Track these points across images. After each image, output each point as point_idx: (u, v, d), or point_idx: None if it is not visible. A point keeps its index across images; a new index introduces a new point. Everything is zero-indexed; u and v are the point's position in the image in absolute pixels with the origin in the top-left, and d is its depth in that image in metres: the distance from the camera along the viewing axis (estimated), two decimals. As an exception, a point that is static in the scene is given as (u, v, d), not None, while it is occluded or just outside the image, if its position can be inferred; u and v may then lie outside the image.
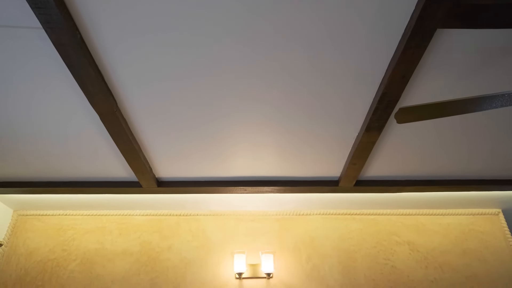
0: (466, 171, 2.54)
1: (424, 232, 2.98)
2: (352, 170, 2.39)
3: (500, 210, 3.06)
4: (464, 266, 2.82)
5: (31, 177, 2.59)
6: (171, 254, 2.87)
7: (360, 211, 3.06)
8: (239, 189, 2.62)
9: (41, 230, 2.98)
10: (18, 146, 2.23)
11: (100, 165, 2.43)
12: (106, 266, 2.81)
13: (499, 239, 2.94)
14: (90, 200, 2.87)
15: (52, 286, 2.73)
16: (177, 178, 2.60)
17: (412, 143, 2.23)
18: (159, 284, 2.73)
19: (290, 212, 3.05)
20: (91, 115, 1.93)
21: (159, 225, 3.01)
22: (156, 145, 2.23)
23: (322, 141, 2.20)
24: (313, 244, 2.91)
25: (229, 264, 2.81)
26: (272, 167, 2.47)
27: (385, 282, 2.74)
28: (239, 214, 3.05)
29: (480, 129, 2.11)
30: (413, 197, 2.83)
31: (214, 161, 2.39)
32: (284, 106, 1.91)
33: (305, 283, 2.74)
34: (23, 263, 2.83)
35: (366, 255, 2.86)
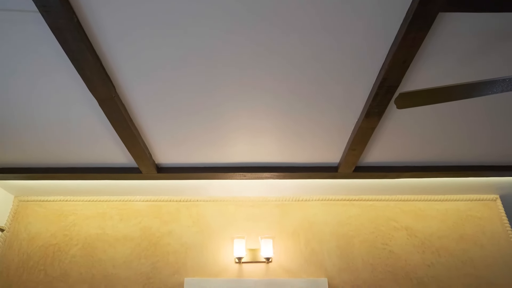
0: (465, 157, 2.55)
1: (422, 217, 3.01)
2: (351, 156, 2.40)
3: (498, 196, 3.09)
4: (460, 251, 2.85)
5: (31, 163, 2.60)
6: (172, 239, 2.90)
7: (358, 197, 3.08)
8: (238, 175, 2.63)
9: (42, 216, 3.01)
10: (17, 132, 2.23)
11: (100, 151, 2.44)
12: (107, 251, 2.85)
13: (496, 224, 2.98)
14: (90, 186, 2.89)
15: (54, 270, 2.77)
16: (177, 164, 2.61)
17: (411, 129, 2.23)
18: (160, 268, 2.77)
19: (290, 198, 3.07)
20: (90, 101, 1.93)
21: (159, 210, 3.03)
22: (156, 131, 2.22)
23: (322, 127, 2.20)
24: (312, 229, 2.95)
25: (229, 249, 2.84)
26: (271, 153, 2.48)
27: (382, 266, 2.79)
28: (238, 200, 3.08)
29: (479, 115, 2.11)
30: (411, 183, 2.85)
31: (213, 147, 2.39)
32: (284, 93, 1.90)
33: (304, 267, 2.78)
34: (25, 248, 2.86)
35: (364, 240, 2.90)
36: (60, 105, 1.99)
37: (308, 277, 2.73)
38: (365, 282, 2.72)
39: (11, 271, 2.77)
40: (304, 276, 2.74)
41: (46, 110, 2.03)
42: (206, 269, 2.77)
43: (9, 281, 2.72)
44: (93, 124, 2.15)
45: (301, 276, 2.73)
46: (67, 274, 2.75)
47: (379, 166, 2.63)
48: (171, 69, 1.74)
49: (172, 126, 2.17)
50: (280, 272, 2.76)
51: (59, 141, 2.32)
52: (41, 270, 2.77)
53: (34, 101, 1.96)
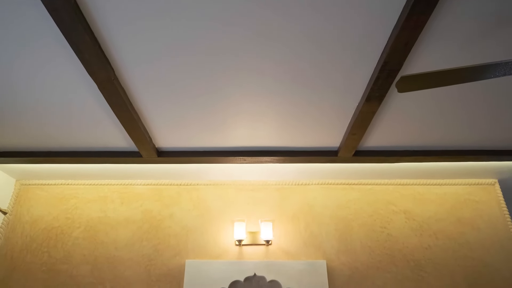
0: (464, 142, 2.55)
1: (421, 201, 3.04)
2: (351, 140, 2.40)
3: (496, 180, 3.11)
4: (458, 234, 2.89)
5: (32, 147, 2.60)
6: (173, 222, 2.94)
7: (358, 181, 3.10)
8: (238, 159, 2.63)
9: (44, 199, 3.04)
10: (17, 116, 2.23)
11: (100, 135, 2.44)
12: (109, 234, 2.89)
13: (494, 208, 3.01)
14: (91, 170, 2.90)
15: (58, 252, 2.81)
16: (177, 148, 2.61)
17: (412, 114, 2.22)
18: (161, 250, 2.82)
19: (290, 182, 3.09)
20: (89, 84, 1.91)
21: (160, 194, 3.06)
22: (156, 115, 2.22)
23: (322, 111, 2.19)
24: (311, 213, 2.98)
25: (229, 231, 2.88)
26: (271, 138, 2.48)
27: (380, 248, 2.83)
28: (239, 184, 3.10)
29: (479, 100, 2.10)
30: (411, 167, 2.86)
31: (213, 131, 2.39)
32: (284, 77, 1.89)
33: (303, 250, 2.82)
34: (28, 231, 2.90)
35: (363, 224, 2.94)
36: (60, 89, 1.97)
37: (307, 259, 2.77)
38: (363, 264, 2.77)
39: (15, 253, 2.81)
40: (303, 258, 2.78)
41: (46, 94, 2.01)
42: (207, 251, 2.81)
43: (13, 263, 2.77)
44: (93, 108, 2.14)
45: (300, 258, 2.78)
46: (70, 256, 2.80)
47: (379, 151, 2.63)
48: (170, 53, 1.72)
49: (172, 110, 2.17)
50: (280, 254, 2.80)
51: (59, 125, 2.32)
52: (45, 252, 2.82)
53: (33, 85, 1.94)
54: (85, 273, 2.73)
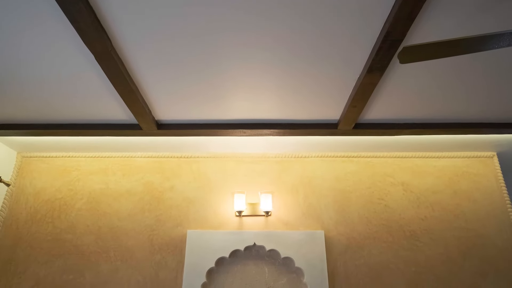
0: (464, 115, 2.54)
1: (419, 173, 3.07)
2: (351, 113, 2.39)
3: (495, 153, 3.13)
4: (454, 206, 2.95)
5: (32, 119, 2.60)
6: (174, 193, 2.98)
7: (357, 153, 3.12)
8: (238, 131, 2.64)
9: (46, 171, 3.07)
10: (17, 88, 2.21)
11: (100, 108, 2.43)
12: (112, 205, 2.94)
13: (491, 181, 3.04)
14: (92, 143, 2.91)
15: (62, 222, 2.88)
16: (177, 120, 2.61)
17: (412, 86, 2.20)
18: (163, 221, 2.88)
19: (289, 155, 3.11)
20: (87, 56, 1.88)
21: (161, 166, 3.09)
22: (155, 87, 2.20)
23: (322, 83, 2.17)
24: (310, 185, 3.02)
25: (230, 203, 2.93)
26: (271, 110, 2.47)
27: (377, 219, 2.89)
28: (239, 156, 3.12)
29: (480, 72, 2.07)
30: (410, 140, 2.87)
31: (213, 103, 2.38)
32: (284, 48, 1.85)
33: (302, 220, 2.89)
34: (32, 202, 2.95)
35: (361, 195, 2.98)
36: (58, 61, 1.94)
37: (305, 229, 2.84)
38: (360, 234, 2.84)
39: (20, 223, 2.88)
40: (302, 228, 2.85)
41: (44, 66, 1.99)
42: (207, 222, 2.88)
43: (18, 233, 2.84)
44: (92, 80, 2.12)
45: (298, 229, 2.84)
46: (74, 226, 2.86)
47: (379, 123, 2.63)
48: (169, 25, 1.68)
49: (172, 82, 2.14)
50: (279, 225, 2.87)
51: (58, 97, 2.30)
52: (49, 222, 2.88)
53: (32, 57, 1.92)
54: (89, 242, 2.80)
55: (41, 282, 2.67)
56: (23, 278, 2.69)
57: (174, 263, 2.73)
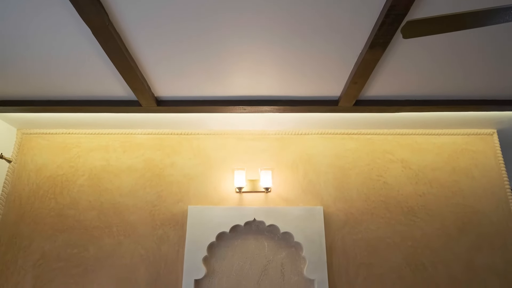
0: (465, 91, 2.52)
1: (418, 151, 3.08)
2: (352, 90, 2.37)
3: (495, 130, 3.13)
4: (452, 182, 2.98)
5: (31, 96, 2.58)
6: (174, 170, 3.01)
7: (357, 130, 3.12)
8: (238, 108, 2.63)
9: (46, 148, 3.08)
10: (15, 64, 2.18)
11: (99, 84, 2.40)
12: (113, 181, 2.97)
13: (490, 158, 3.06)
14: (91, 119, 2.91)
15: (64, 198, 2.91)
16: (177, 97, 2.59)
17: (414, 62, 2.17)
18: (164, 197, 2.92)
19: (289, 132, 3.11)
20: (85, 31, 1.84)
21: (161, 143, 3.09)
22: (154, 63, 2.17)
23: (323, 59, 2.14)
24: (310, 162, 3.04)
25: (230, 179, 2.96)
26: (272, 86, 2.45)
27: (376, 196, 2.93)
28: (239, 133, 3.12)
29: (481, 49, 2.04)
30: (411, 117, 2.86)
31: (213, 80, 2.35)
32: (284, 24, 1.81)
33: (301, 197, 2.92)
34: (34, 178, 2.98)
35: (360, 172, 3.01)
36: (57, 37, 1.91)
37: (305, 205, 2.88)
38: (358, 209, 2.89)
39: (23, 199, 2.91)
40: (301, 204, 2.89)
41: (42, 42, 1.96)
42: (208, 198, 2.91)
43: (22, 208, 2.88)
44: (91, 56, 2.09)
45: (298, 205, 2.89)
46: (76, 202, 2.90)
47: (380, 100, 2.62)
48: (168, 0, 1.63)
49: (171, 58, 2.11)
50: (279, 201, 2.91)
51: (58, 73, 2.27)
52: (52, 198, 2.92)
53: (30, 33, 1.88)
54: (92, 218, 2.85)
55: (46, 256, 2.74)
56: (28, 252, 2.75)
57: (175, 237, 2.79)
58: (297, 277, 2.70)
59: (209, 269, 2.71)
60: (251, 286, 2.67)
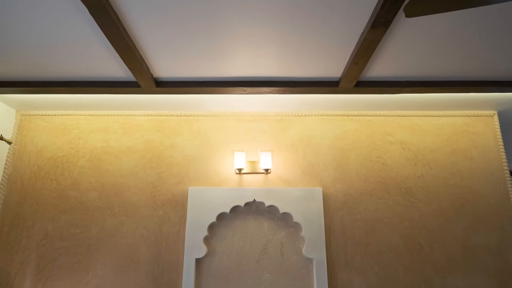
0: (467, 73, 2.50)
1: (418, 132, 3.08)
2: (353, 70, 2.35)
3: (495, 112, 3.12)
4: (451, 164, 2.99)
5: (29, 77, 2.56)
6: (174, 151, 3.02)
7: (357, 112, 3.11)
8: (238, 89, 2.61)
9: (46, 130, 3.08)
10: (13, 45, 2.15)
11: (97, 65, 2.38)
12: (114, 162, 2.98)
13: (489, 139, 3.06)
14: (91, 101, 2.89)
15: (65, 179, 2.93)
16: (176, 78, 2.57)
17: (416, 42, 2.14)
18: (165, 178, 2.94)
19: (289, 113, 3.10)
20: (82, 11, 1.81)
21: (161, 125, 3.09)
22: (152, 43, 2.14)
23: (324, 39, 2.10)
24: (310, 143, 3.05)
25: (230, 161, 2.97)
26: (272, 67, 2.42)
27: (375, 177, 2.95)
28: (238, 115, 3.11)
29: (484, 29, 2.00)
30: (411, 98, 2.85)
31: (213, 61, 2.33)
32: (285, 3, 1.77)
33: (301, 178, 2.95)
34: (35, 160, 2.99)
35: (360, 154, 3.02)
36: (53, 17, 1.87)
37: (304, 186, 2.91)
38: (357, 190, 2.91)
39: (24, 180, 2.94)
40: (301, 185, 2.92)
41: (40, 22, 1.92)
42: (208, 179, 2.94)
43: (24, 190, 2.91)
44: (88, 36, 2.05)
45: (297, 186, 2.91)
46: (77, 183, 2.92)
47: (381, 81, 2.59)
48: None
49: (170, 39, 2.08)
50: (278, 182, 2.93)
51: (56, 54, 2.24)
52: (53, 179, 2.94)
53: (28, 14, 1.84)
54: (93, 198, 2.88)
55: (49, 236, 2.78)
56: (32, 232, 2.80)
57: (176, 218, 2.83)
58: (296, 256, 2.75)
59: (209, 248, 2.76)
60: (251, 265, 2.73)
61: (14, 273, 2.71)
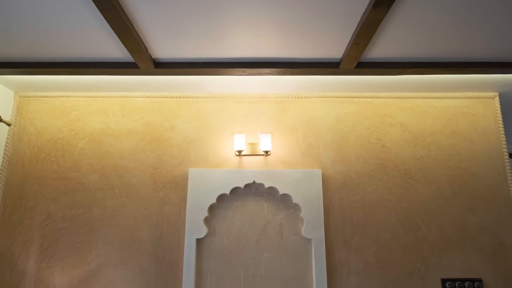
0: (470, 53, 2.46)
1: (418, 114, 3.07)
2: (354, 51, 2.32)
3: (497, 94, 3.10)
4: (450, 146, 3.00)
5: (26, 57, 2.52)
6: (174, 133, 3.01)
7: (358, 94, 3.09)
8: (238, 70, 2.58)
9: (45, 111, 3.07)
10: (9, 25, 2.11)
11: (95, 45, 2.34)
12: (114, 144, 2.99)
13: (490, 121, 3.06)
14: (89, 82, 2.87)
15: (66, 161, 2.95)
16: (175, 59, 2.54)
17: (419, 22, 2.10)
18: (165, 160, 2.95)
19: (289, 95, 3.08)
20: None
21: (160, 106, 3.08)
22: (150, 23, 2.10)
23: (325, 19, 2.07)
24: (309, 125, 3.04)
25: (229, 143, 2.98)
26: (272, 48, 2.39)
27: (374, 159, 2.96)
28: (238, 96, 3.09)
29: (488, 9, 1.96)
30: (412, 80, 2.82)
31: (212, 41, 2.29)
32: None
33: (300, 160, 2.96)
34: (35, 142, 2.99)
35: (359, 136, 3.02)
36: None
37: (304, 168, 2.92)
38: (356, 172, 2.93)
39: (25, 162, 2.95)
40: (300, 167, 2.93)
41: (36, 2, 1.88)
42: (208, 161, 2.95)
43: (25, 171, 2.93)
44: (85, 15, 2.01)
45: (297, 168, 2.93)
46: (78, 165, 2.94)
47: (382, 62, 2.56)
48: None
49: (168, 18, 2.04)
50: (278, 164, 2.95)
51: (53, 34, 2.20)
52: (54, 161, 2.95)
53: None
54: (94, 180, 2.90)
55: (51, 216, 2.82)
56: (34, 213, 2.83)
57: (177, 199, 2.86)
58: (295, 236, 2.80)
59: (210, 229, 2.80)
60: (251, 245, 2.78)
61: (18, 252, 2.76)
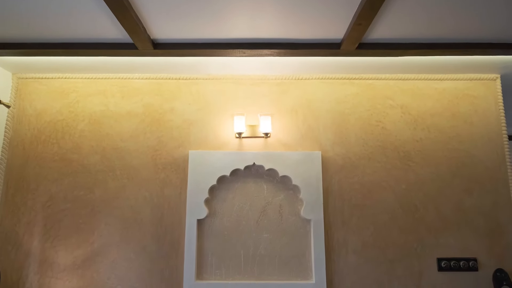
0: (473, 34, 2.43)
1: (419, 96, 3.06)
2: (356, 31, 2.28)
3: (498, 75, 3.07)
4: (450, 128, 3.00)
5: (23, 38, 2.49)
6: (174, 115, 3.01)
7: (358, 75, 3.07)
8: (237, 51, 2.55)
9: (44, 93, 3.05)
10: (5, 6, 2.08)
11: (92, 25, 2.31)
12: (113, 126, 2.99)
13: (490, 103, 3.05)
14: (87, 63, 2.84)
15: (66, 143, 2.96)
16: (174, 39, 2.51)
17: (422, 1, 2.06)
18: (165, 142, 2.96)
19: (289, 76, 3.06)
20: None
21: (160, 88, 3.06)
22: (148, 2, 2.06)
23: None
24: (309, 107, 3.03)
25: (229, 125, 2.98)
26: (272, 28, 2.35)
27: (373, 141, 2.97)
28: (238, 78, 3.07)
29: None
30: (414, 61, 2.79)
31: (212, 21, 2.25)
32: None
33: (300, 142, 2.97)
34: (35, 124, 2.99)
35: (359, 118, 3.02)
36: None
37: (303, 150, 2.93)
38: (355, 154, 2.95)
39: (26, 144, 2.96)
40: (300, 149, 2.94)
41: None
42: (208, 143, 2.96)
43: (26, 153, 2.94)
44: (79, -7, 1.98)
45: (297, 150, 2.94)
46: (79, 147, 2.95)
47: (384, 43, 2.53)
48: None
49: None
50: (278, 146, 2.96)
51: (51, 14, 2.17)
52: (54, 143, 2.96)
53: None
54: (95, 162, 2.92)
55: (54, 198, 2.85)
56: (36, 194, 2.86)
57: (178, 181, 2.88)
58: (294, 217, 2.84)
59: (210, 210, 2.84)
60: (251, 225, 2.82)
61: (22, 233, 2.81)
